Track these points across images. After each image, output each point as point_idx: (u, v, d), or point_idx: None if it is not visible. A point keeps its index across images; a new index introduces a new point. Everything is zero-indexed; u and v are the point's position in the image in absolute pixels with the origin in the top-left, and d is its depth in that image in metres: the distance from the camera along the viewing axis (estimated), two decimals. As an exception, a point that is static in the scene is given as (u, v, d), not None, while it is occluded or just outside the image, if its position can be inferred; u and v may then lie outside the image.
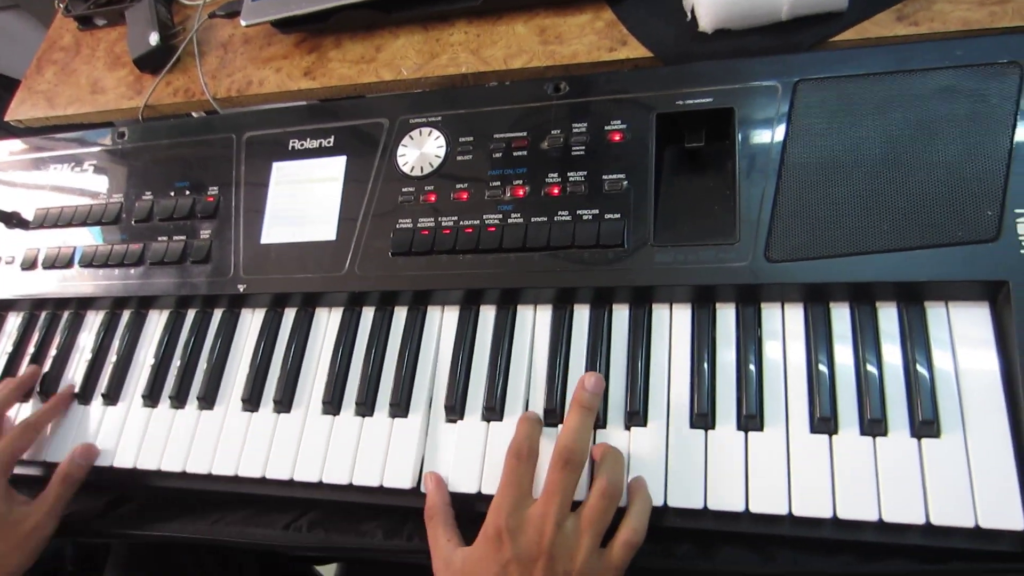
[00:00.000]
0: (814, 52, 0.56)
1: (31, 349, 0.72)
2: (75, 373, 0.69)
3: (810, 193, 0.51)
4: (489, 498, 0.51)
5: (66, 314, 0.73)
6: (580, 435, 0.48)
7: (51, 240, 0.74)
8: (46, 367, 0.70)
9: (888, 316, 0.50)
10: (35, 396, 0.69)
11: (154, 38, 0.79)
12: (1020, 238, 0.47)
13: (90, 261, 0.71)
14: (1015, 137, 0.48)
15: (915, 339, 0.49)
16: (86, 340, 0.71)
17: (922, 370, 0.48)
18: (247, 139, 0.70)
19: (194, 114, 0.81)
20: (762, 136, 0.53)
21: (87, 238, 0.73)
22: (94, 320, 0.72)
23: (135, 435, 0.64)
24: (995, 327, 0.48)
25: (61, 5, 0.88)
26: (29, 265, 0.73)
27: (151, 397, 0.65)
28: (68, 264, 0.72)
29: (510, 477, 0.48)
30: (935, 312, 0.49)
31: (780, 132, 0.53)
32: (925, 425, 0.46)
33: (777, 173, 0.52)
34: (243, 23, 0.74)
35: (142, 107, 0.80)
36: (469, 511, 0.52)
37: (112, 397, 0.66)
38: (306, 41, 0.75)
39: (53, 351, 0.71)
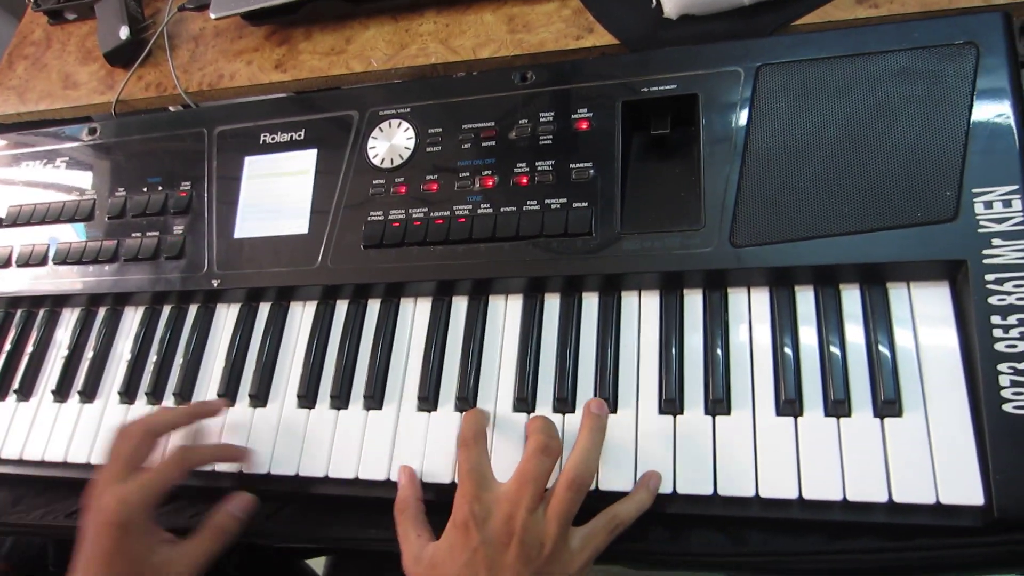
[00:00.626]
0: (775, 37, 0.56)
1: (7, 347, 0.72)
2: (52, 371, 0.69)
3: (773, 178, 0.52)
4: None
5: (41, 312, 0.73)
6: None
7: (25, 238, 0.74)
8: (23, 364, 0.70)
9: (851, 298, 0.51)
10: (12, 395, 0.69)
11: (124, 32, 0.78)
12: (978, 217, 0.47)
13: (64, 258, 0.71)
14: (971, 118, 0.49)
15: (877, 320, 0.49)
16: (62, 337, 0.71)
17: (884, 350, 0.48)
18: (219, 133, 0.69)
19: (171, 108, 0.81)
20: (726, 122, 0.53)
21: (61, 235, 0.72)
22: (70, 317, 0.72)
23: (112, 432, 0.64)
24: (955, 306, 0.49)
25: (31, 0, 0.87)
26: (3, 263, 0.73)
27: (127, 394, 0.65)
28: (42, 262, 0.72)
29: (465, 465, 0.49)
30: (897, 292, 0.50)
31: (743, 117, 0.53)
32: (887, 405, 0.47)
33: (741, 158, 0.52)
34: (212, 16, 0.73)
35: (114, 102, 0.79)
36: (447, 501, 0.53)
37: (89, 395, 0.66)
38: (277, 33, 0.75)
39: (29, 348, 0.71)
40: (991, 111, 0.49)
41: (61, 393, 0.68)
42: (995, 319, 0.46)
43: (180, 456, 0.54)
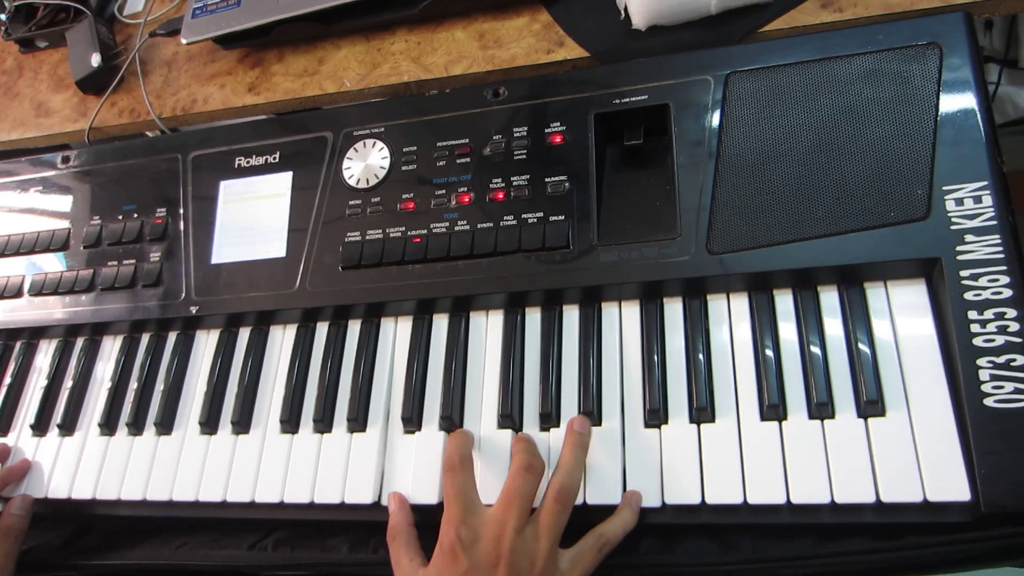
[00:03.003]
0: (743, 44, 0.56)
1: (-15, 382, 0.71)
2: (30, 404, 0.68)
3: (747, 184, 0.52)
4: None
5: (18, 344, 0.72)
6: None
7: (-1, 270, 0.73)
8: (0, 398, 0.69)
9: (830, 299, 0.51)
10: (-11, 432, 0.68)
11: (96, 59, 0.78)
12: (949, 215, 0.48)
13: (40, 289, 0.70)
14: (938, 116, 0.49)
15: (856, 321, 0.49)
16: (40, 370, 0.70)
17: (865, 351, 0.48)
18: (193, 158, 0.69)
19: (149, 133, 0.80)
20: (698, 130, 0.54)
21: (36, 265, 0.72)
22: (47, 349, 0.71)
23: (93, 465, 0.63)
24: (932, 303, 0.49)
25: (1, 28, 0.86)
26: (-22, 297, 0.72)
27: (108, 425, 0.64)
28: (18, 293, 0.71)
29: (451, 490, 0.49)
30: (874, 292, 0.50)
31: (715, 125, 0.54)
32: (870, 405, 0.47)
33: (714, 166, 0.53)
34: (184, 41, 0.73)
35: (87, 129, 0.79)
36: (433, 523, 0.52)
37: (68, 427, 0.65)
38: (249, 56, 0.75)
39: (7, 380, 0.70)
40: (957, 109, 0.50)
41: (40, 427, 0.66)
42: (972, 314, 0.46)
43: None
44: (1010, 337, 0.45)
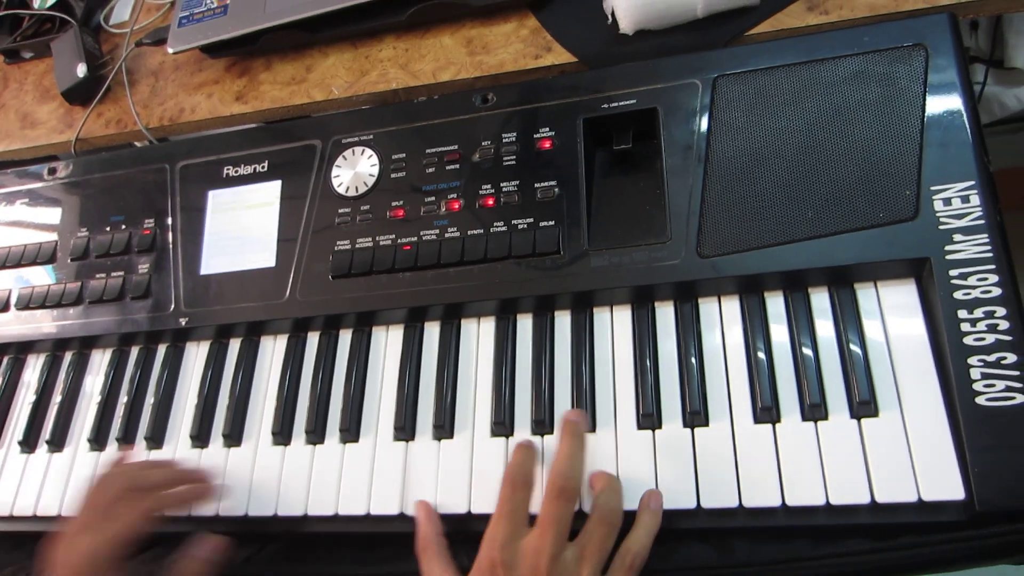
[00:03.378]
0: (730, 48, 0.57)
1: (-28, 397, 0.70)
2: (18, 420, 0.67)
3: (736, 187, 0.52)
4: (445, 519, 0.51)
5: (6, 359, 0.71)
6: (573, 463, 0.47)
7: (-14, 285, 0.72)
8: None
9: (820, 301, 0.51)
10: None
11: (81, 69, 0.77)
12: (938, 215, 0.48)
13: (27, 303, 0.69)
14: (925, 117, 0.50)
15: (847, 321, 0.49)
16: (28, 385, 0.69)
17: (856, 351, 0.48)
18: (181, 168, 0.69)
19: (136, 144, 0.80)
20: (686, 134, 0.54)
21: (23, 279, 0.71)
22: (35, 363, 0.70)
23: (83, 481, 0.62)
24: (922, 303, 0.49)
25: (-15, 41, 0.86)
26: (-36, 312, 0.71)
27: (97, 440, 0.63)
28: (4, 307, 0.70)
29: (505, 507, 0.46)
30: (865, 293, 0.50)
31: (703, 128, 0.54)
32: (862, 405, 0.47)
33: (703, 170, 0.53)
34: (170, 50, 0.73)
35: (74, 140, 0.78)
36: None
37: (57, 443, 0.65)
38: (237, 65, 0.74)
39: (-2, 396, 0.69)
40: (943, 109, 0.50)
41: (28, 443, 0.66)
42: (962, 313, 0.46)
43: (150, 505, 0.52)
44: (1000, 335, 0.45)
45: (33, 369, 0.70)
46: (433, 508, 0.52)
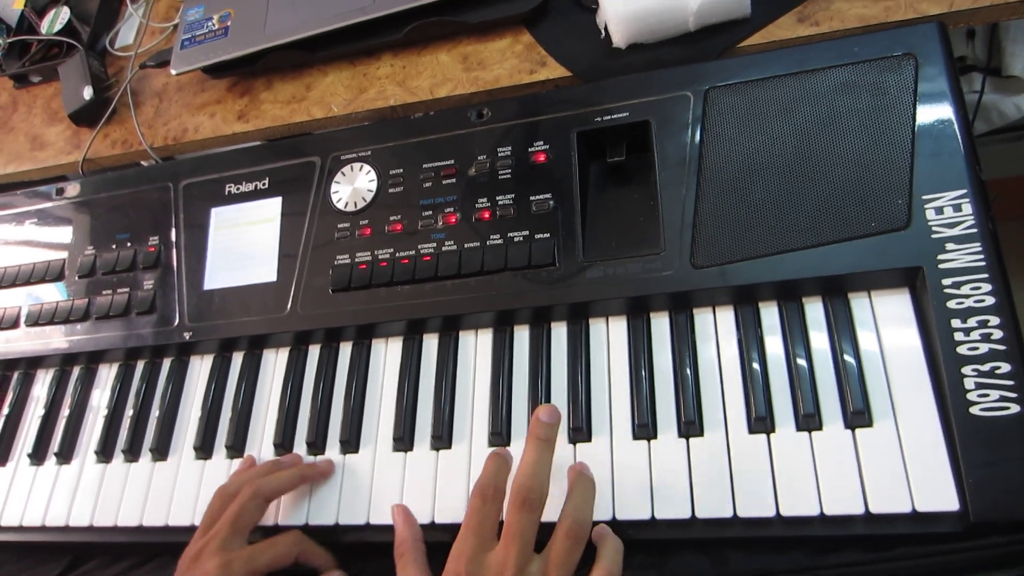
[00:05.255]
0: (721, 60, 0.57)
1: (-17, 412, 0.71)
2: (28, 433, 0.69)
3: (729, 198, 0.52)
4: (443, 528, 0.52)
5: (16, 374, 0.73)
6: (538, 471, 0.45)
7: (-4, 302, 0.73)
8: (-2, 429, 0.69)
9: (814, 311, 0.51)
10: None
11: (88, 92, 0.79)
12: (930, 224, 0.48)
13: (37, 319, 0.70)
14: (916, 126, 0.50)
15: (841, 331, 0.50)
16: (37, 399, 0.70)
17: (850, 361, 0.49)
18: (184, 186, 0.70)
19: (144, 163, 0.81)
20: (679, 146, 0.54)
21: (33, 297, 0.72)
22: (44, 378, 0.71)
23: (90, 492, 0.63)
24: (916, 312, 0.49)
25: (-4, 65, 0.88)
26: (-25, 329, 0.73)
27: (104, 452, 0.64)
28: (15, 324, 0.72)
29: (472, 519, 0.46)
30: (859, 303, 0.50)
31: (696, 140, 0.54)
32: (857, 415, 0.47)
33: (696, 181, 0.53)
34: (173, 72, 0.74)
35: (81, 161, 0.80)
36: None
37: (65, 455, 0.66)
38: (238, 84, 0.76)
39: (5, 410, 0.70)
40: (934, 119, 0.50)
41: (37, 456, 0.67)
42: (955, 323, 0.46)
43: (297, 539, 0.52)
44: (994, 345, 0.45)
45: (42, 384, 0.71)
46: (411, 512, 0.51)
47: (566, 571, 0.44)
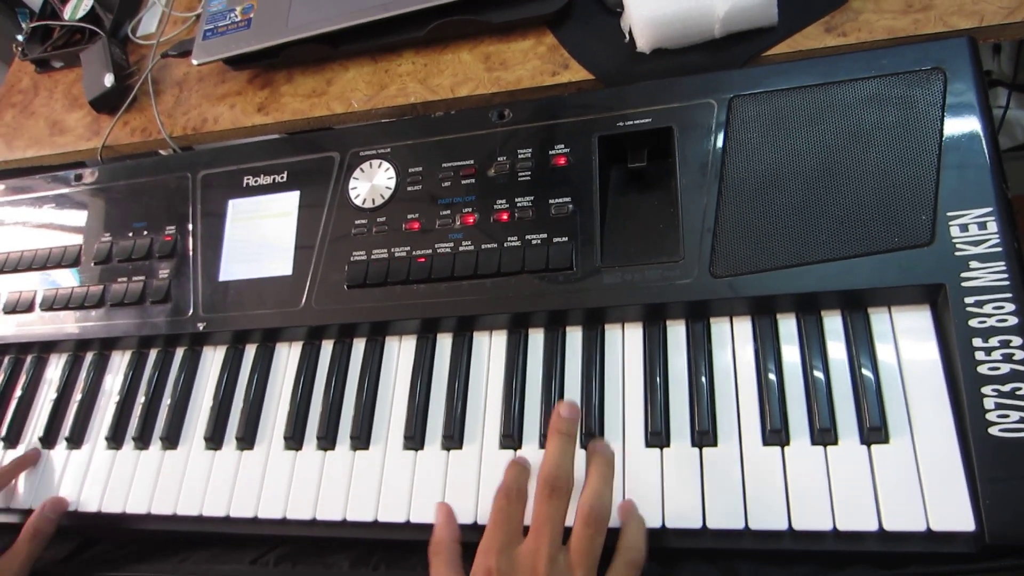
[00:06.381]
0: (746, 68, 0.57)
1: (-5, 394, 0.72)
2: (40, 416, 0.69)
3: (750, 207, 0.52)
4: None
5: (29, 358, 0.73)
6: (562, 462, 0.47)
7: (12, 285, 0.74)
8: (10, 411, 0.70)
9: (833, 324, 0.51)
10: (-1, 444, 0.69)
11: (109, 79, 0.79)
12: (954, 241, 0.48)
13: (52, 304, 0.71)
14: (943, 142, 0.49)
15: (860, 346, 0.49)
16: (50, 383, 0.71)
17: (868, 377, 0.48)
18: (202, 177, 0.70)
19: (161, 152, 0.81)
20: (701, 153, 0.54)
21: (48, 281, 0.73)
22: (58, 363, 0.72)
23: (99, 478, 0.63)
24: (937, 330, 0.49)
25: (18, 49, 0.88)
26: (-9, 311, 0.73)
27: (115, 439, 0.65)
28: (29, 308, 0.72)
29: (499, 516, 0.47)
30: (878, 318, 0.50)
31: (718, 148, 0.54)
32: (873, 431, 0.47)
33: (717, 189, 0.53)
34: (195, 62, 0.74)
35: (100, 148, 0.80)
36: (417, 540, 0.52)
37: (76, 440, 0.66)
38: (259, 77, 0.76)
39: (18, 393, 0.71)
40: (962, 134, 0.50)
41: (48, 440, 0.67)
42: (976, 342, 0.46)
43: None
44: (1015, 365, 0.45)
45: (55, 368, 0.72)
46: (453, 513, 0.52)
47: (591, 559, 0.45)
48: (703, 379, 0.51)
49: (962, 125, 0.50)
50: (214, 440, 0.61)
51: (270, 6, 0.72)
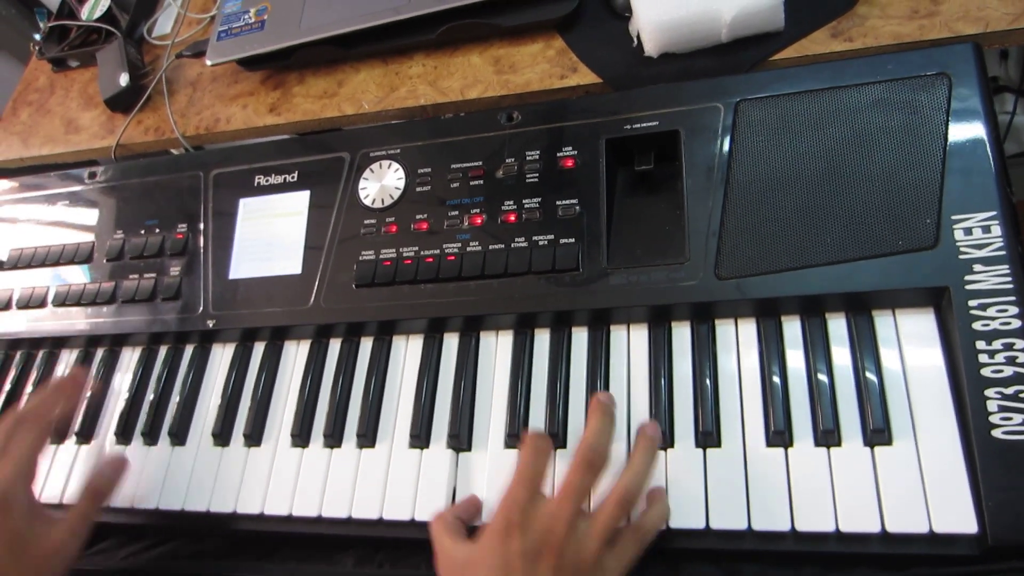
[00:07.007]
0: (753, 73, 0.57)
1: (7, 388, 0.72)
2: (50, 414, 0.70)
3: (756, 210, 0.52)
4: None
5: (40, 353, 0.74)
6: (601, 439, 0.47)
7: (25, 280, 0.75)
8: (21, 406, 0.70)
9: (837, 327, 0.51)
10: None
11: (124, 78, 0.81)
12: (958, 244, 0.48)
13: (63, 300, 0.72)
14: (947, 146, 0.50)
15: (864, 348, 0.49)
16: (61, 380, 0.72)
17: (872, 379, 0.48)
18: (214, 176, 0.71)
19: (173, 151, 0.82)
20: (708, 157, 0.54)
21: (60, 278, 0.74)
22: (68, 359, 0.73)
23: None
24: (940, 332, 0.49)
25: (36, 48, 0.90)
26: (3, 306, 0.74)
27: (124, 435, 0.65)
28: (42, 304, 0.73)
29: (526, 471, 0.47)
30: (882, 320, 0.50)
31: (724, 152, 0.54)
32: (876, 433, 0.47)
33: (723, 192, 0.53)
34: (208, 63, 0.75)
35: (114, 146, 0.81)
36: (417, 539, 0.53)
37: (85, 435, 0.67)
38: (271, 78, 0.77)
39: (29, 388, 0.72)
40: (966, 139, 0.50)
41: (58, 434, 0.68)
42: (980, 344, 0.46)
43: (28, 419, 0.55)
44: (1019, 368, 0.45)
45: (66, 364, 0.72)
46: (481, 505, 0.52)
47: (608, 535, 0.46)
48: (707, 380, 0.51)
49: (966, 129, 0.50)
50: (222, 437, 0.62)
51: (283, 8, 0.74)
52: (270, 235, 0.66)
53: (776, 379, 0.50)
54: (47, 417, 0.57)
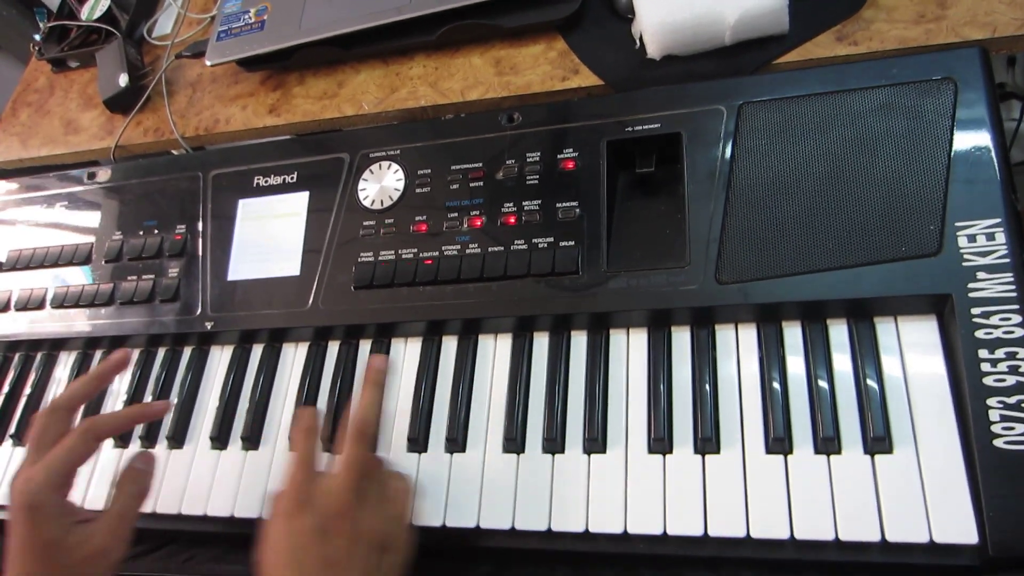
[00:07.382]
0: (757, 75, 0.57)
1: (5, 390, 0.72)
2: (48, 415, 0.70)
3: (757, 214, 0.52)
4: (454, 531, 0.52)
5: (39, 355, 0.74)
6: (373, 409, 0.51)
7: (23, 282, 0.75)
8: (19, 409, 0.70)
9: (839, 333, 0.51)
10: (8, 439, 0.70)
11: (123, 79, 0.80)
12: (962, 251, 0.47)
13: (62, 302, 0.71)
14: (952, 152, 0.49)
15: (865, 355, 0.49)
16: (59, 380, 0.71)
17: (873, 386, 0.48)
18: (213, 177, 0.71)
19: (174, 152, 0.82)
20: (709, 160, 0.54)
21: (59, 279, 0.73)
22: (67, 360, 0.72)
23: (106, 477, 0.64)
24: (942, 340, 0.48)
25: (35, 48, 0.89)
26: (2, 307, 0.74)
27: (121, 438, 0.65)
28: (40, 305, 0.73)
29: (300, 452, 0.49)
30: (884, 327, 0.50)
31: (727, 155, 0.54)
32: (877, 441, 0.47)
33: (725, 196, 0.53)
34: (208, 63, 0.75)
35: (113, 147, 0.81)
36: (432, 543, 0.52)
37: (84, 438, 0.67)
38: (271, 78, 0.76)
39: (28, 391, 0.71)
40: (971, 145, 0.49)
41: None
42: (982, 353, 0.46)
43: (85, 427, 0.51)
44: (1021, 378, 0.44)
45: (64, 366, 0.72)
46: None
47: (358, 467, 0.48)
48: (707, 386, 0.51)
49: (972, 135, 0.50)
50: (220, 440, 0.62)
51: (284, 8, 0.73)
52: (269, 236, 0.66)
53: (776, 385, 0.50)
54: (101, 424, 0.53)
